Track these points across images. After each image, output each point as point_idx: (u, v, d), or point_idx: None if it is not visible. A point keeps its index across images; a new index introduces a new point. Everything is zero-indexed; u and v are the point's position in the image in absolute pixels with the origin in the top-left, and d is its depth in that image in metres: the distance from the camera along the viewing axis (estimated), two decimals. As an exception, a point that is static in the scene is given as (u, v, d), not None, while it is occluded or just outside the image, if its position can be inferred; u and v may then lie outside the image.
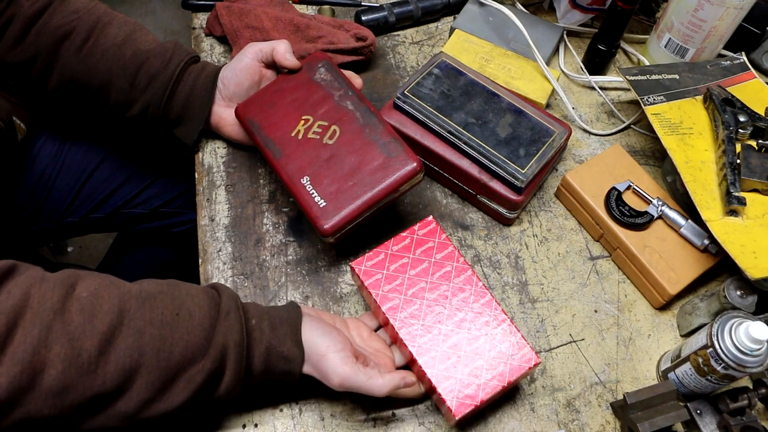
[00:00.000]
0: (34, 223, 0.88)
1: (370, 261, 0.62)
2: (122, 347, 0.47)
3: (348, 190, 0.63)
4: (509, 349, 0.59)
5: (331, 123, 0.66)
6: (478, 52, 0.84)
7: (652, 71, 0.80)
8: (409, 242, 0.63)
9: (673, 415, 0.59)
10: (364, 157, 0.64)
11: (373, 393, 0.55)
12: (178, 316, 0.50)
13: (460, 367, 0.58)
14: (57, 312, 0.45)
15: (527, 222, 0.75)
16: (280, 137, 0.67)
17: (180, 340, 0.50)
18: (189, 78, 0.72)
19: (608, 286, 0.72)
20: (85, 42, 0.70)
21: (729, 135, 0.71)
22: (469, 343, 0.59)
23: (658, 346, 0.68)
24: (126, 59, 0.70)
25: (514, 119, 0.72)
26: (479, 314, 0.60)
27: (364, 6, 0.90)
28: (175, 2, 2.07)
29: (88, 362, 0.46)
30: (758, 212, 0.68)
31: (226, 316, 0.53)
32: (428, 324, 0.60)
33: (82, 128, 0.92)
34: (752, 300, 0.63)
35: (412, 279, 0.62)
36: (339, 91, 0.68)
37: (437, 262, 0.63)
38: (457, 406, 0.56)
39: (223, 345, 0.52)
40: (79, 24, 0.70)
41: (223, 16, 0.82)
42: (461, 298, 0.61)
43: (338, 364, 0.55)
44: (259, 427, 0.60)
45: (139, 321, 0.49)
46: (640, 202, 0.72)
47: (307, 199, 0.63)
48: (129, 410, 0.48)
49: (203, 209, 0.72)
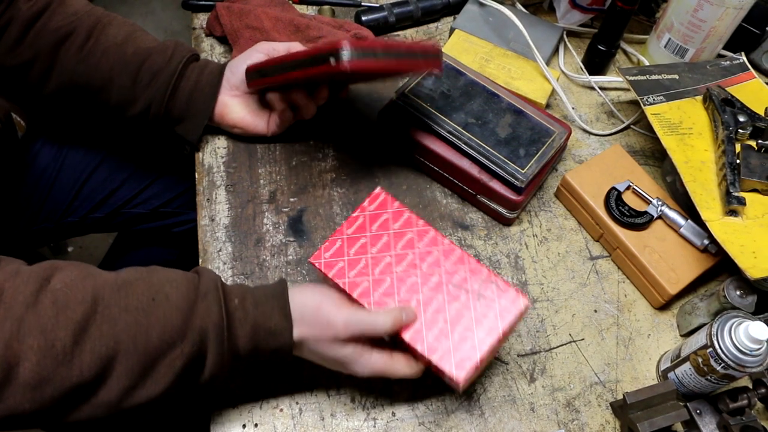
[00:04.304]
0: (34, 222, 0.88)
1: (328, 252, 0.59)
2: (97, 335, 0.47)
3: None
4: (494, 298, 0.56)
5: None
6: (478, 52, 0.84)
7: (652, 71, 0.80)
8: (363, 220, 0.61)
9: (673, 415, 0.59)
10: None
11: (377, 329, 0.54)
12: (155, 301, 0.50)
13: (449, 332, 0.55)
14: (29, 305, 0.45)
15: (527, 222, 0.75)
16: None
17: (157, 324, 0.49)
18: (192, 74, 0.72)
19: (608, 286, 0.72)
20: (85, 42, 0.70)
21: (729, 135, 0.71)
22: (451, 305, 0.56)
23: (658, 345, 0.68)
24: (128, 57, 0.70)
25: (514, 119, 0.72)
26: (454, 272, 0.58)
27: (364, 6, 0.90)
28: (175, 2, 2.07)
29: (63, 352, 0.45)
30: (758, 212, 0.68)
31: (204, 297, 0.52)
32: (404, 298, 0.57)
33: (81, 130, 0.92)
34: (752, 300, 0.63)
35: (375, 257, 0.59)
36: None
37: (397, 233, 0.60)
38: (457, 372, 0.54)
39: (201, 327, 0.51)
40: (79, 25, 0.70)
41: (223, 16, 0.82)
42: (430, 262, 0.58)
43: (336, 309, 0.54)
44: (259, 427, 0.60)
45: (113, 308, 0.48)
46: (639, 202, 0.72)
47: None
48: (111, 399, 0.48)
49: (203, 209, 0.72)
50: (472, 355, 0.54)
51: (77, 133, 0.91)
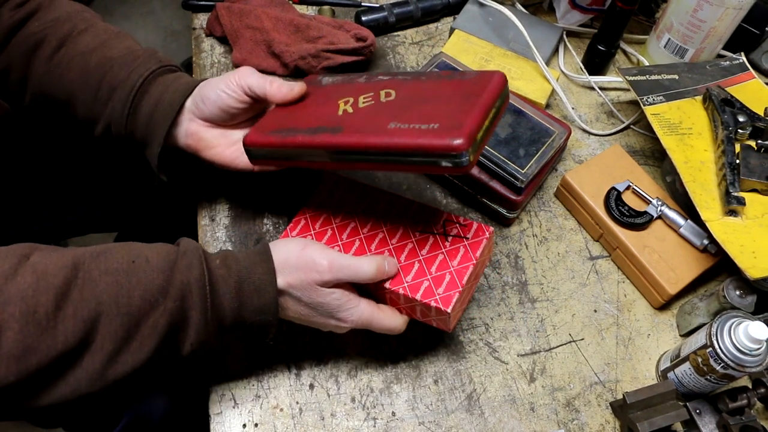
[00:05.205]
0: (34, 222, 0.88)
1: (294, 231, 0.62)
2: (78, 298, 0.46)
3: (454, 105, 0.49)
4: (460, 235, 0.58)
5: (377, 90, 0.56)
6: (478, 53, 0.84)
7: (652, 71, 0.80)
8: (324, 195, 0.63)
9: (673, 415, 0.59)
10: (442, 92, 0.52)
11: (360, 274, 0.53)
12: (134, 263, 0.49)
13: (426, 271, 0.56)
14: (8, 276, 0.45)
15: (527, 222, 0.75)
16: (327, 117, 0.55)
17: (138, 284, 0.48)
18: (156, 90, 0.61)
19: (608, 285, 0.72)
20: (56, 51, 0.63)
21: (728, 135, 0.71)
22: (422, 247, 0.58)
23: (658, 345, 0.68)
24: (90, 68, 0.62)
25: (513, 119, 0.72)
26: (417, 220, 0.60)
27: (364, 6, 0.90)
28: (175, 2, 2.07)
29: (46, 318, 0.44)
30: (757, 212, 0.68)
31: (184, 255, 0.51)
32: (376, 253, 0.59)
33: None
34: (751, 300, 0.63)
35: (340, 226, 0.61)
36: (362, 77, 0.60)
37: (356, 200, 0.62)
38: (443, 301, 0.54)
39: (182, 282, 0.49)
40: (51, 33, 0.63)
41: (224, 16, 0.82)
42: (393, 216, 0.60)
43: (321, 250, 0.54)
44: (259, 427, 0.60)
45: (94, 271, 0.47)
46: (639, 202, 0.72)
47: (412, 136, 0.48)
48: (96, 366, 0.47)
49: (203, 209, 0.72)
50: (453, 285, 0.55)
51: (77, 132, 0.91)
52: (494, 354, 0.66)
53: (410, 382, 0.63)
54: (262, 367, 0.63)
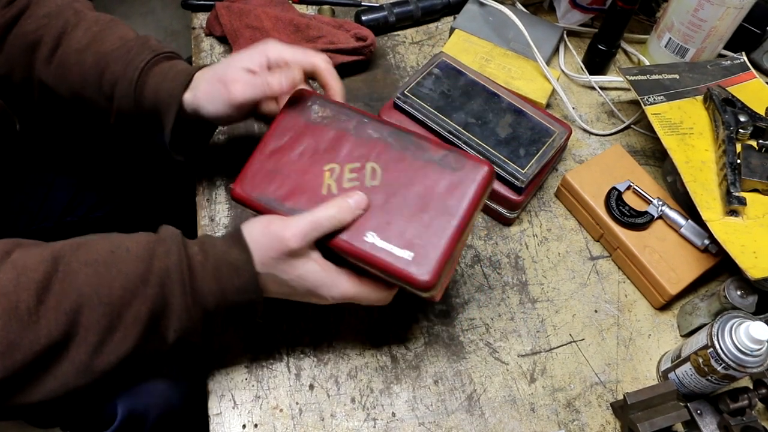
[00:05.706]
0: (33, 222, 0.88)
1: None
2: (59, 291, 0.46)
3: (428, 226, 0.52)
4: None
5: (364, 162, 0.56)
6: (478, 52, 0.84)
7: (652, 71, 0.80)
8: None
9: (674, 416, 0.59)
10: (426, 183, 0.54)
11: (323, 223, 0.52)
12: (114, 254, 0.49)
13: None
14: None
15: (527, 222, 0.75)
16: (310, 201, 0.55)
17: (119, 274, 0.48)
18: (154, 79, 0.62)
19: (608, 286, 0.72)
20: (54, 51, 0.64)
21: (729, 135, 0.71)
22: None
23: (659, 346, 0.68)
24: (87, 67, 0.63)
25: (514, 119, 0.72)
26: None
27: (364, 6, 0.90)
28: (175, 2, 2.07)
29: (27, 313, 0.45)
30: (758, 212, 0.68)
31: (162, 242, 0.51)
32: None
33: (79, 131, 0.92)
34: (752, 300, 0.63)
35: None
36: (351, 122, 0.57)
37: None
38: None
39: (161, 269, 0.50)
40: (46, 32, 0.64)
41: (223, 16, 0.82)
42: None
43: (282, 222, 0.52)
44: (259, 427, 0.60)
45: (74, 264, 0.48)
46: (640, 202, 0.72)
47: (386, 257, 0.52)
48: (82, 358, 0.47)
49: (203, 209, 0.72)
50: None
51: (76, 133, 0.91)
52: (494, 354, 0.66)
53: (410, 382, 0.63)
54: (261, 368, 0.63)
